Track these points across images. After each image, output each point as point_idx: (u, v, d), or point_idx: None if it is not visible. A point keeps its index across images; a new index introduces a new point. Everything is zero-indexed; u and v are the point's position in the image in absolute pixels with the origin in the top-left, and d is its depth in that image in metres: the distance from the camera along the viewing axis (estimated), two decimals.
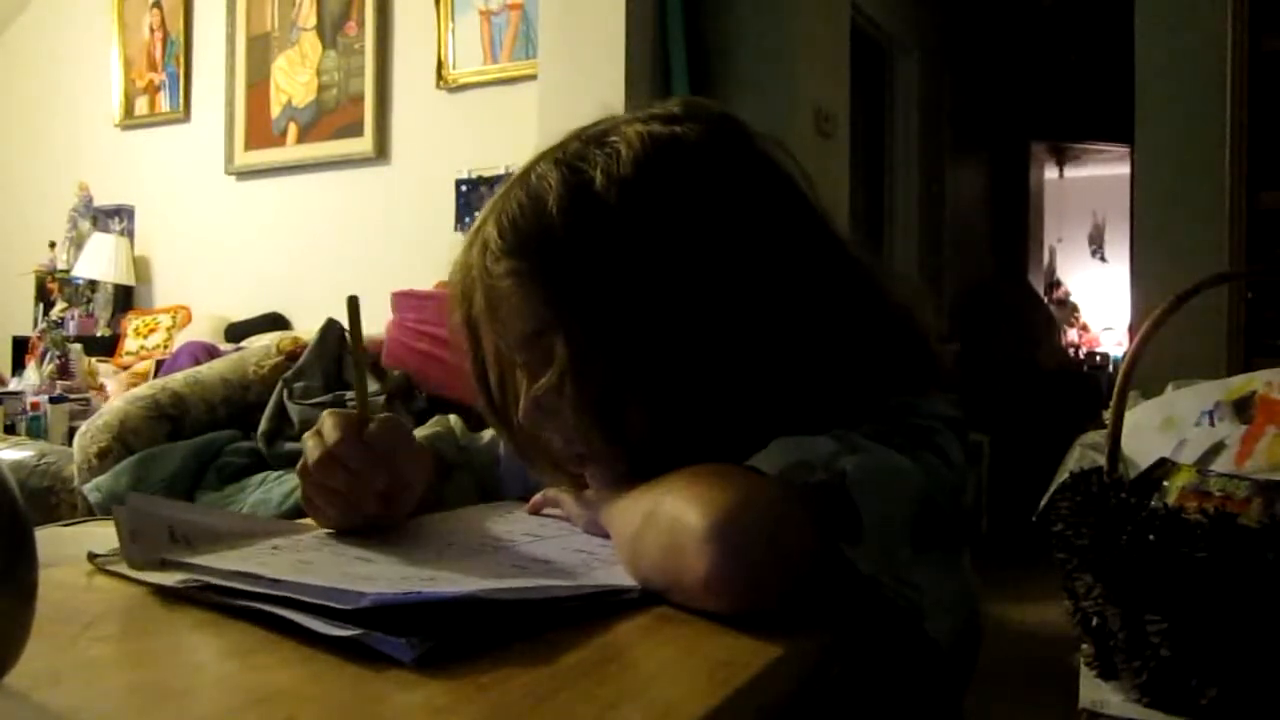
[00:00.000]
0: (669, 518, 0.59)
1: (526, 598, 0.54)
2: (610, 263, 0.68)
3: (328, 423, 0.72)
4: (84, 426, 2.69)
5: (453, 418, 0.97)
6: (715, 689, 0.45)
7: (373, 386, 2.63)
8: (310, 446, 0.71)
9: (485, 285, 0.73)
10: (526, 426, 0.75)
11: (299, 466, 0.72)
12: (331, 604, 0.49)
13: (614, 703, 0.44)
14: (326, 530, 0.73)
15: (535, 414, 0.73)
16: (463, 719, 0.42)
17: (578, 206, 0.68)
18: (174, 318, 4.57)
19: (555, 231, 0.68)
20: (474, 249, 0.75)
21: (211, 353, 3.46)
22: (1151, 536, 1.07)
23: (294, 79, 4.52)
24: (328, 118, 4.43)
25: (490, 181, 3.98)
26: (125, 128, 5.03)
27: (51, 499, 2.86)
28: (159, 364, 3.86)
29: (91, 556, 0.68)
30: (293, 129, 4.52)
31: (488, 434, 0.95)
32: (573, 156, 0.71)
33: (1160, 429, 1.45)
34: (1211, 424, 1.41)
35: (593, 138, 0.72)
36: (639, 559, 0.61)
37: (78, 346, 4.07)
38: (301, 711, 0.42)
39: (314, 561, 0.61)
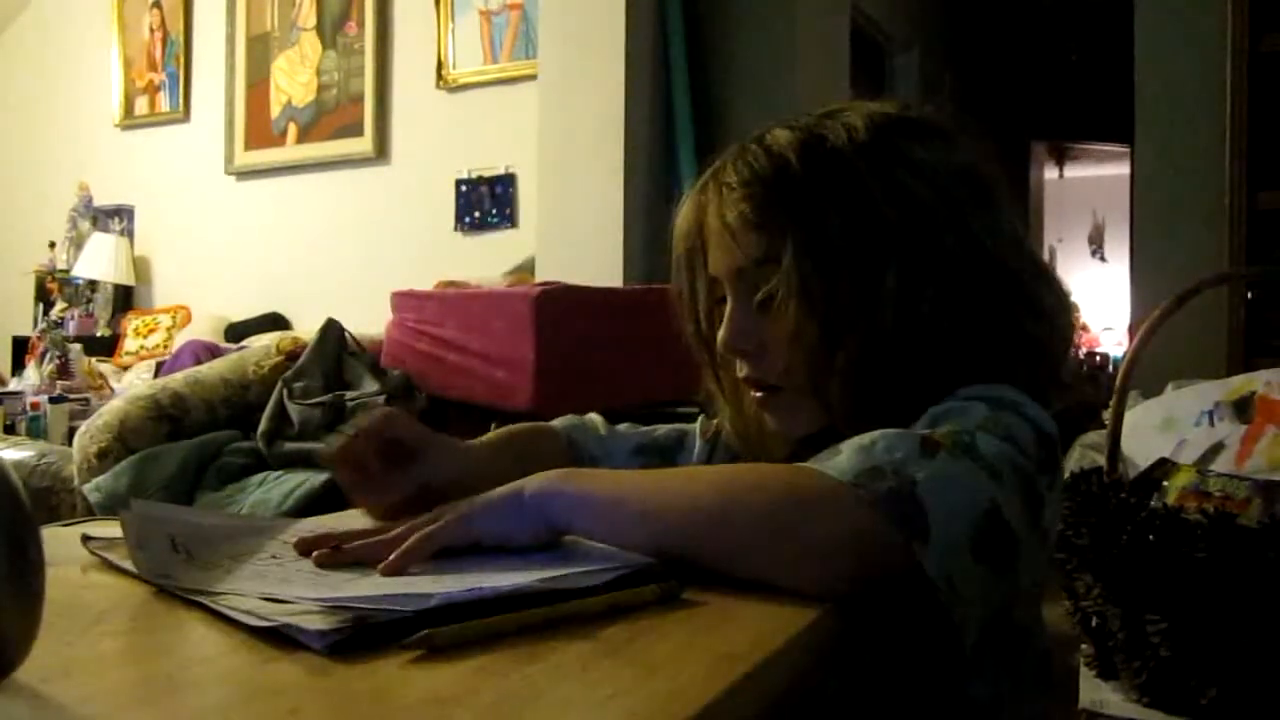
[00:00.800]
0: (774, 479, 0.63)
1: (567, 586, 0.56)
2: (841, 203, 0.74)
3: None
4: (84, 426, 2.69)
5: (593, 415, 1.00)
6: (716, 681, 0.45)
7: (373, 386, 2.64)
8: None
9: (720, 215, 0.79)
10: (726, 349, 0.81)
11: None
12: (398, 608, 0.51)
13: (615, 694, 0.44)
14: (321, 527, 0.74)
15: (739, 337, 0.79)
16: (466, 710, 0.42)
17: (815, 154, 0.76)
18: (174, 318, 4.57)
19: (793, 169, 0.76)
20: (708, 189, 0.81)
21: (213, 351, 3.46)
22: (1151, 536, 1.07)
23: (294, 79, 4.52)
24: (328, 118, 4.43)
25: (490, 181, 3.99)
26: (125, 128, 5.04)
27: (51, 499, 2.86)
28: (159, 363, 3.86)
29: (85, 539, 0.68)
30: (293, 129, 4.52)
31: (625, 426, 0.99)
32: (805, 126, 0.79)
33: (1160, 429, 1.46)
34: (1211, 424, 1.41)
35: (824, 114, 0.80)
36: (699, 523, 0.63)
37: (78, 346, 4.07)
38: (306, 704, 0.43)
39: (328, 574, 0.62)
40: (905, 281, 0.73)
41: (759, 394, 0.81)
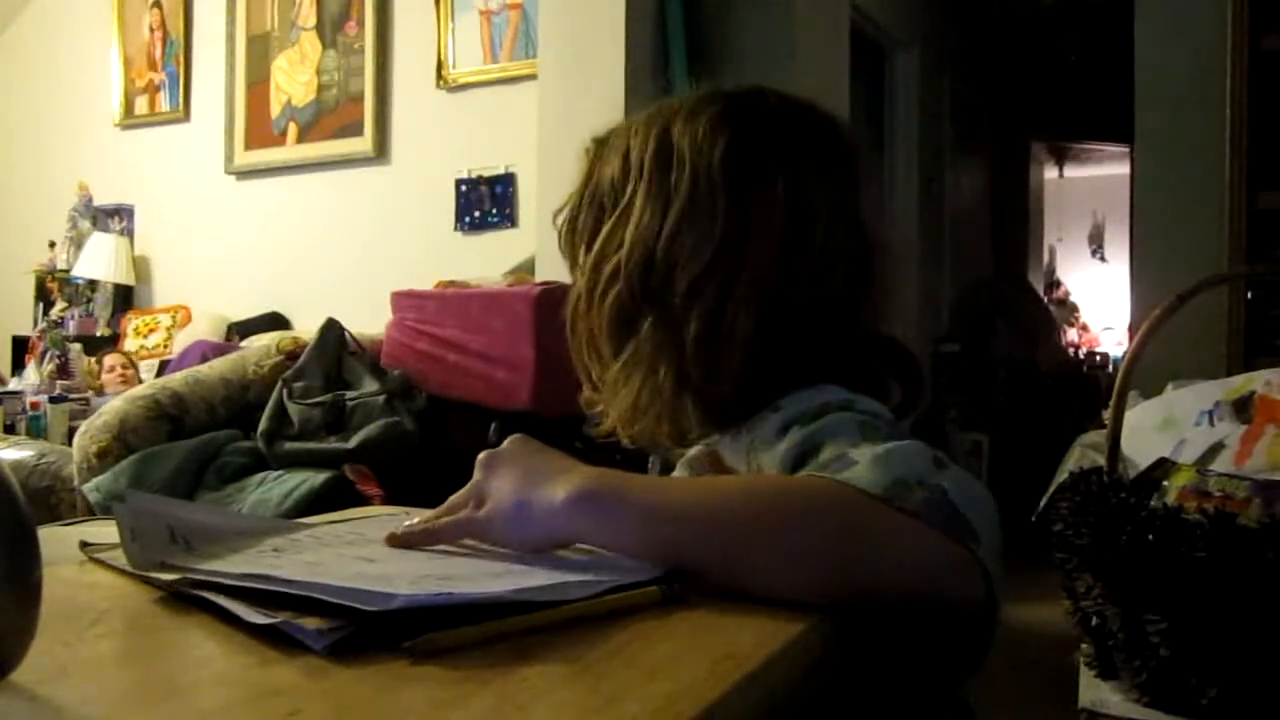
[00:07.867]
0: (803, 495, 0.60)
1: (552, 598, 0.54)
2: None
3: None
4: (84, 426, 2.69)
5: None
6: (717, 682, 0.45)
7: (373, 386, 2.63)
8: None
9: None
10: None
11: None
12: (359, 605, 0.49)
13: (616, 696, 0.44)
14: (321, 528, 0.74)
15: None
16: (465, 713, 0.42)
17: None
18: (174, 317, 4.57)
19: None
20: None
21: (221, 352, 3.46)
22: (1151, 536, 1.07)
23: (294, 79, 4.51)
24: (328, 117, 4.43)
25: (490, 181, 3.99)
26: (125, 127, 5.03)
27: (51, 499, 2.86)
28: (164, 362, 3.86)
29: (83, 545, 0.68)
30: (293, 129, 4.51)
31: None
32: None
33: (1160, 429, 1.45)
34: (1211, 424, 1.41)
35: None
36: (754, 542, 0.59)
37: (78, 346, 4.07)
38: (305, 706, 0.42)
39: (322, 563, 0.62)
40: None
41: None
